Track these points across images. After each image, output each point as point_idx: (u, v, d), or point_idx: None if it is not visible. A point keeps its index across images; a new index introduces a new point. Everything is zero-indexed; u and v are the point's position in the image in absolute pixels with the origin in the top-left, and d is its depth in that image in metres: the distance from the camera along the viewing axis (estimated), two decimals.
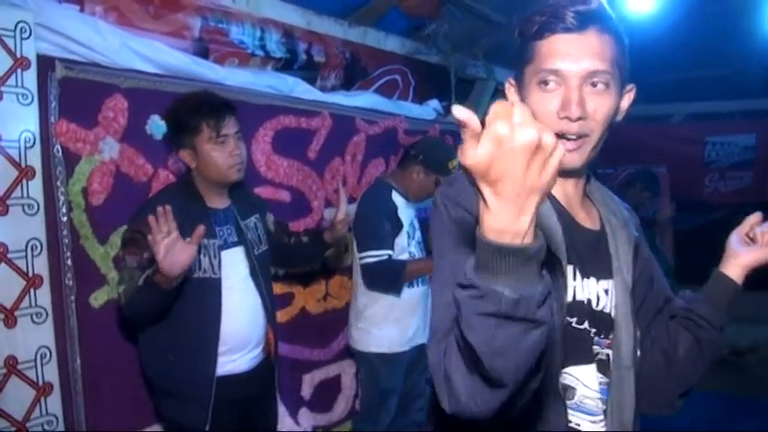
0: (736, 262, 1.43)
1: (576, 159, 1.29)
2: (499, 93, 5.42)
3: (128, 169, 2.76)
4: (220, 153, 2.50)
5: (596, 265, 1.36)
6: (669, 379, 1.46)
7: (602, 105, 1.27)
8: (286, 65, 3.51)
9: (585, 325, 1.33)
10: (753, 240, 1.46)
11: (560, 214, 1.32)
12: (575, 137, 1.26)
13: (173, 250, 2.18)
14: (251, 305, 2.65)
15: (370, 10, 3.99)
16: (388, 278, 3.39)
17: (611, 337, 1.35)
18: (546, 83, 1.26)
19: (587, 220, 1.42)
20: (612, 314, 1.35)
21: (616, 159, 6.88)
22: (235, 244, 2.63)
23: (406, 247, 3.46)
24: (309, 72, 3.68)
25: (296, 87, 3.53)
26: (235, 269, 2.60)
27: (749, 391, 6.27)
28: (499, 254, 0.90)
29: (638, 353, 1.38)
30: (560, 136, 1.24)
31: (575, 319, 1.31)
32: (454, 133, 4.50)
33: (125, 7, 2.84)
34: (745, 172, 6.95)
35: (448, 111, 4.76)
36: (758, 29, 5.69)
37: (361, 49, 4.00)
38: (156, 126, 2.83)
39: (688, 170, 7.00)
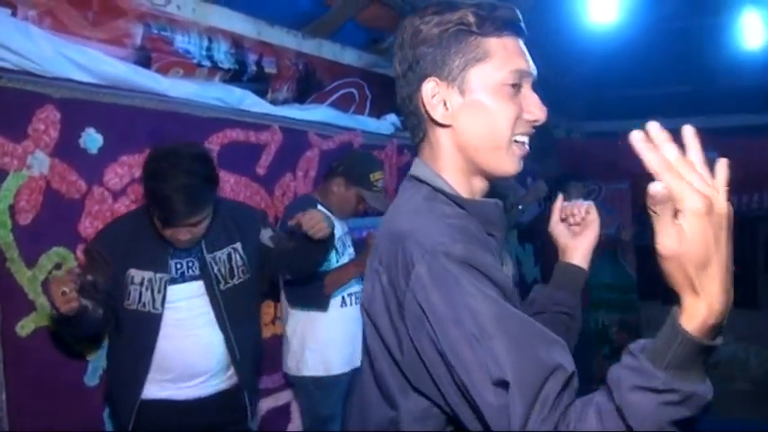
0: (579, 252, 1.47)
1: (521, 167, 1.27)
2: None
3: (59, 186, 2.58)
4: (173, 233, 2.41)
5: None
6: None
7: None
8: (234, 76, 3.36)
9: None
10: (573, 222, 1.49)
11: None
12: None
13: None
14: (203, 338, 2.54)
15: (325, 22, 3.85)
16: (309, 291, 3.23)
17: None
18: (514, 85, 1.19)
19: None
20: None
21: (577, 176, 6.83)
22: (194, 278, 2.53)
23: (333, 263, 3.30)
24: (260, 84, 3.52)
25: (245, 100, 3.38)
26: (187, 303, 2.51)
27: (712, 408, 6.24)
28: (704, 351, 0.86)
29: None
30: (515, 141, 1.22)
31: None
32: (412, 148, 4.38)
33: (61, 13, 2.67)
34: None
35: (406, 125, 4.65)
36: (721, 46, 5.69)
37: (315, 61, 3.86)
38: (92, 139, 2.68)
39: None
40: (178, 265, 2.51)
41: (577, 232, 1.48)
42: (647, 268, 6.92)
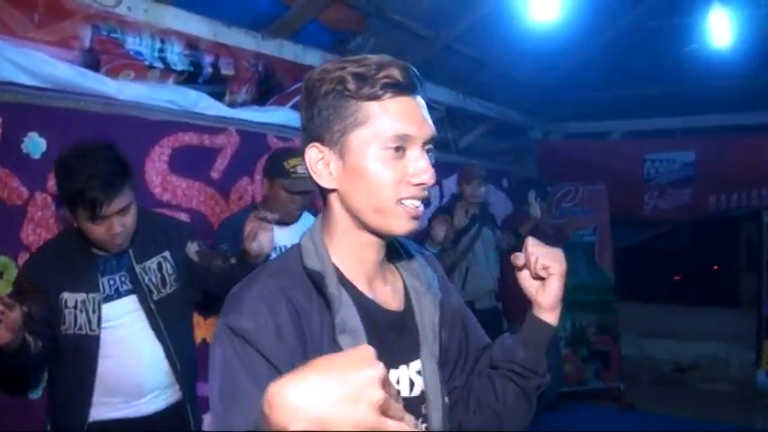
0: (542, 308, 1.34)
1: (419, 226, 1.25)
2: (429, 109, 5.29)
3: (0, 192, 2.52)
4: (98, 229, 2.30)
5: (405, 347, 1.29)
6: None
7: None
8: (189, 78, 3.30)
9: None
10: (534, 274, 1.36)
11: (360, 305, 1.21)
12: (422, 203, 1.22)
13: None
14: (147, 354, 2.46)
15: (286, 22, 3.79)
16: None
17: None
18: (397, 149, 1.16)
19: (390, 295, 1.31)
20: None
21: (553, 177, 6.80)
22: (129, 292, 2.45)
23: None
24: (216, 86, 3.46)
25: (200, 102, 3.32)
26: (126, 319, 2.43)
27: (692, 409, 6.23)
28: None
29: (448, 423, 1.31)
30: (402, 204, 1.19)
31: None
32: None
33: (5, 14, 2.62)
34: (685, 189, 6.91)
35: None
36: (695, 47, 5.65)
37: (276, 62, 3.80)
38: (34, 145, 2.61)
39: (627, 187, 6.94)
40: (110, 282, 2.43)
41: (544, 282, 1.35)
42: (624, 269, 6.92)
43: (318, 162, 1.20)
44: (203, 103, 3.34)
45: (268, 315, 1.11)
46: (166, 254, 2.55)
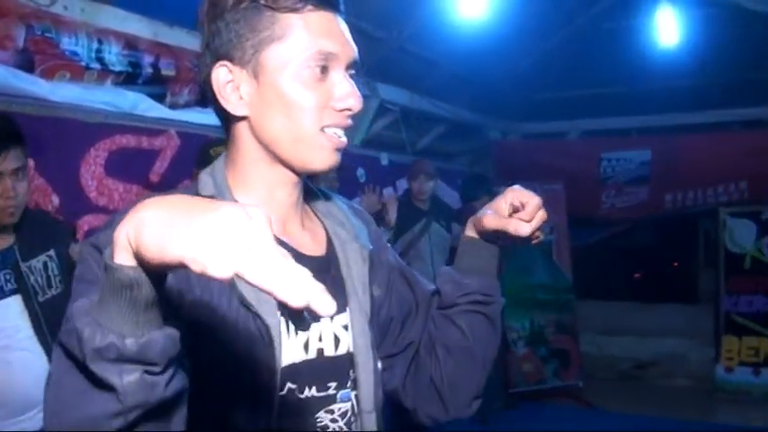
0: (476, 224, 1.24)
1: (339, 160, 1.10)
2: (382, 110, 5.29)
3: None
4: None
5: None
6: (472, 374, 1.28)
7: None
8: (128, 79, 3.24)
9: (310, 391, 1.07)
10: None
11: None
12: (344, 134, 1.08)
13: None
14: (32, 363, 2.27)
15: None
16: None
17: None
18: (320, 69, 1.02)
19: (311, 240, 1.15)
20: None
21: (511, 177, 6.82)
22: (13, 292, 2.26)
23: None
24: (157, 87, 3.41)
25: (139, 104, 3.26)
26: (10, 323, 2.25)
27: (652, 405, 6.28)
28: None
29: (381, 393, 1.17)
30: (324, 132, 1.04)
31: (294, 387, 1.05)
32: None
33: None
34: (641, 187, 6.97)
35: None
36: (650, 47, 5.76)
37: None
38: None
39: (584, 187, 6.98)
40: None
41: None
42: (582, 268, 6.95)
43: (227, 84, 1.03)
44: (143, 105, 3.28)
45: None
46: (51, 252, 2.40)
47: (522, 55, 6.27)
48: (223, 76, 1.02)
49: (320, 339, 1.09)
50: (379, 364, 1.17)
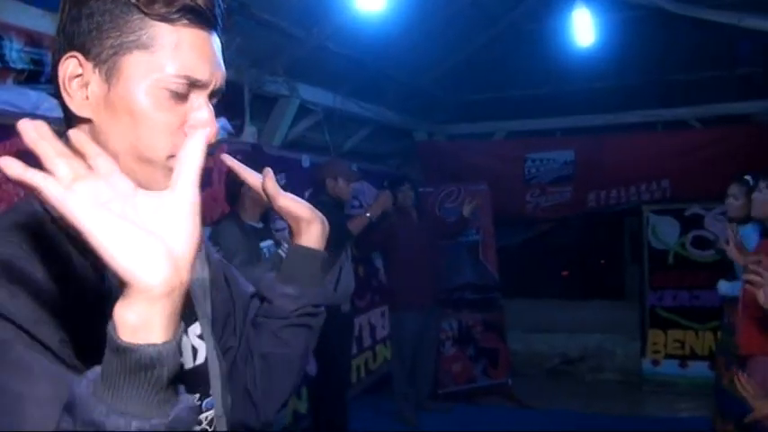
0: (311, 236, 1.21)
1: None
2: (304, 111, 5.23)
3: None
4: None
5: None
6: (288, 382, 1.27)
7: None
8: (30, 77, 3.12)
9: None
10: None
11: None
12: None
13: None
14: None
15: None
16: None
17: None
18: (178, 95, 0.92)
19: None
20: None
21: (437, 178, 6.85)
22: None
23: None
24: None
25: (41, 104, 3.13)
26: None
27: (581, 400, 6.36)
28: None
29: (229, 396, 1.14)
30: (171, 157, 0.94)
31: None
32: (245, 153, 4.22)
33: None
34: (565, 187, 7.08)
35: (240, 130, 4.48)
36: (573, 49, 5.84)
37: None
38: None
39: (509, 187, 7.05)
40: None
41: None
42: (509, 268, 7.02)
43: (75, 79, 0.92)
44: (45, 105, 3.14)
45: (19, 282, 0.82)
46: None
47: (447, 56, 6.29)
48: (72, 69, 0.92)
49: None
50: (224, 367, 1.15)
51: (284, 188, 1.17)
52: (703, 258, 6.49)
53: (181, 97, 0.93)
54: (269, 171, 1.17)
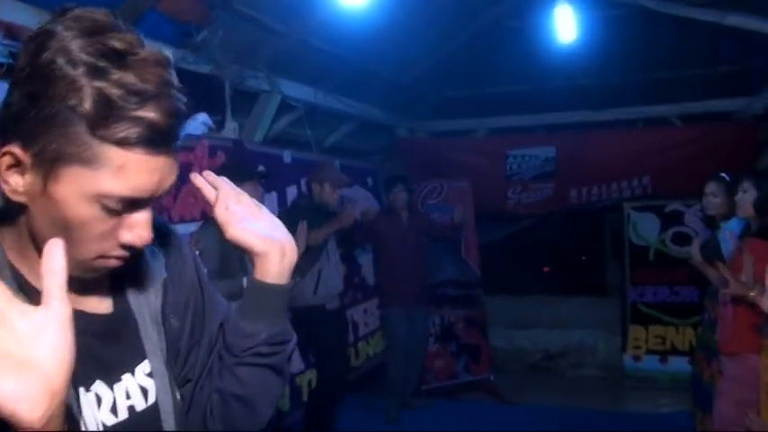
0: (270, 271, 1.12)
1: None
2: (286, 107, 5.20)
3: None
4: None
5: (126, 351, 1.04)
6: (247, 420, 1.19)
7: None
8: (10, 71, 3.07)
9: None
10: None
11: None
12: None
13: None
14: None
15: (122, 11, 3.59)
16: None
17: None
18: (112, 211, 0.88)
19: (97, 291, 1.04)
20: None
21: (419, 174, 6.84)
22: None
23: None
24: None
25: None
26: None
27: (562, 395, 6.38)
28: None
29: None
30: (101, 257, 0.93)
31: None
32: (226, 149, 4.18)
33: None
34: (547, 183, 7.10)
35: (221, 125, 4.44)
36: (555, 46, 5.82)
37: None
38: None
39: (491, 183, 7.06)
40: None
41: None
42: (491, 264, 7.03)
43: (12, 169, 0.87)
44: None
45: None
46: None
47: (429, 53, 6.27)
48: (8, 161, 0.86)
49: (128, 397, 1.02)
50: (178, 396, 1.11)
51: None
52: (683, 254, 6.47)
53: (119, 212, 0.89)
54: (223, 196, 1.10)
